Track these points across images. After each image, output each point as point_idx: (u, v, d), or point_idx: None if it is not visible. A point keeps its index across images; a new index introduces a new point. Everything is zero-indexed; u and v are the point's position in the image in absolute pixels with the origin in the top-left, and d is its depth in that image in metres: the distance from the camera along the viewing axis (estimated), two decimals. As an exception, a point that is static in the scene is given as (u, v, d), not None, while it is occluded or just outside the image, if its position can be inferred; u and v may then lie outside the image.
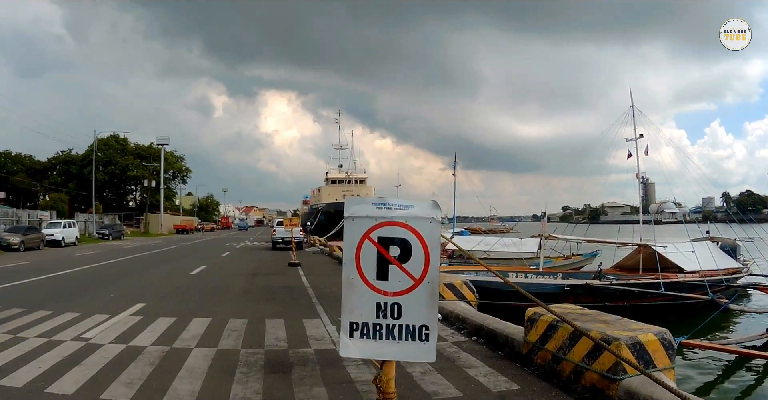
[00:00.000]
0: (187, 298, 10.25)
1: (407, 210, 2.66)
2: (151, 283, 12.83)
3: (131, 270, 16.47)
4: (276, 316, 8.25)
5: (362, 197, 2.88)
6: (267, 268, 17.30)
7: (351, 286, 2.70)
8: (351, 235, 2.72)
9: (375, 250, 2.63)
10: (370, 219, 2.65)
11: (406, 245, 2.62)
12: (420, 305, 2.68)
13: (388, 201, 2.67)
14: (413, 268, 2.63)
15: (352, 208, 2.75)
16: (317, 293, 10.97)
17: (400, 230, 2.64)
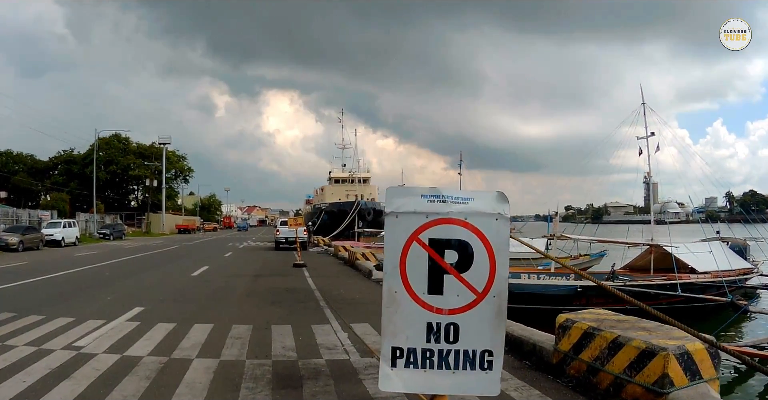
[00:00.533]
0: (188, 301, 9.71)
1: (467, 204, 2.09)
2: (151, 285, 12.29)
3: (130, 271, 15.93)
4: (282, 321, 7.70)
5: (409, 187, 2.29)
6: (271, 269, 16.76)
7: (394, 302, 2.13)
8: (394, 236, 2.15)
9: (426, 255, 2.07)
10: (419, 216, 2.09)
11: (466, 248, 2.06)
12: (483, 325, 2.12)
13: (442, 192, 2.11)
14: (475, 278, 2.07)
15: (396, 200, 2.16)
16: (325, 295, 10.42)
17: (459, 230, 2.07)
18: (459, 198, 2.11)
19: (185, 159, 75.10)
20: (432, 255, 2.09)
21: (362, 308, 8.97)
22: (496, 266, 2.07)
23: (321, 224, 51.28)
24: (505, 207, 2.13)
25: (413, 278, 2.08)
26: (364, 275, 14.59)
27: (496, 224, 2.08)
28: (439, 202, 2.12)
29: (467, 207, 2.12)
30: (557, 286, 15.58)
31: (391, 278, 2.13)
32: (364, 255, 16.93)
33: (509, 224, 2.14)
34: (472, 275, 2.07)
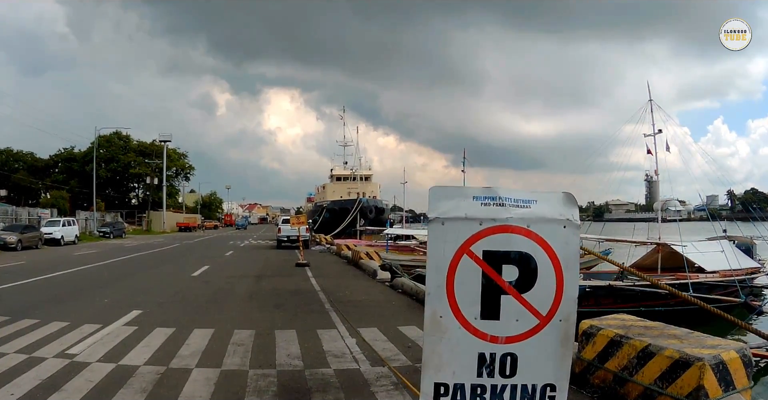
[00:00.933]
0: (188, 304, 9.35)
1: (529, 208, 1.72)
2: (150, 286, 11.93)
3: (130, 271, 15.58)
4: (286, 326, 7.35)
5: (458, 187, 1.88)
6: (273, 269, 16.40)
7: (439, 328, 1.77)
8: (439, 247, 1.79)
9: (479, 271, 1.70)
10: (470, 223, 1.73)
11: (528, 263, 1.69)
12: (545, 354, 1.76)
13: (499, 193, 1.73)
14: (538, 299, 1.70)
15: (442, 204, 1.79)
16: (329, 297, 10.06)
17: (520, 240, 1.70)
18: (519, 201, 1.75)
19: (186, 157, 74.75)
20: (487, 271, 1.73)
21: (369, 311, 8.62)
22: (564, 284, 1.70)
23: (323, 222, 50.96)
24: (574, 212, 1.75)
25: (463, 300, 1.71)
26: (368, 275, 14.23)
27: (564, 232, 1.71)
28: (496, 205, 1.75)
29: (529, 212, 1.76)
30: None
31: (434, 299, 1.76)
32: (368, 254, 16.56)
33: (579, 233, 1.77)
34: (535, 295, 1.71)
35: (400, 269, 12.53)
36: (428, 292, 1.81)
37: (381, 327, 7.20)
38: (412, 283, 10.65)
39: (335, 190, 61.10)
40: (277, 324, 7.47)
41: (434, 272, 1.77)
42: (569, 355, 1.79)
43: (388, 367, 5.33)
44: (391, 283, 12.05)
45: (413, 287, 10.40)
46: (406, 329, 7.14)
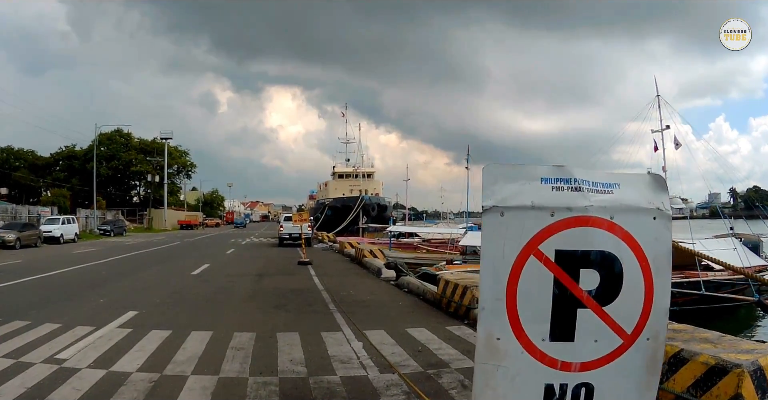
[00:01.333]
0: (186, 304, 8.99)
1: (610, 193, 1.33)
2: (148, 285, 11.58)
3: (128, 270, 15.24)
4: (289, 328, 6.98)
5: (522, 166, 1.46)
6: (275, 267, 16.03)
7: (495, 354, 1.38)
8: (497, 247, 1.39)
9: (550, 278, 1.31)
10: (540, 213, 1.35)
11: (612, 266, 1.30)
12: (628, 383, 1.39)
13: (574, 173, 1.33)
14: (623, 313, 1.32)
15: (501, 187, 1.38)
16: (333, 297, 9.70)
17: (601, 236, 1.34)
18: (599, 185, 1.37)
19: (187, 154, 74.34)
20: (560, 277, 1.34)
21: (375, 312, 8.25)
22: (654, 293, 1.32)
23: (325, 220, 50.59)
24: (665, 199, 1.36)
25: (528, 316, 1.33)
26: (372, 273, 13.87)
27: (654, 225, 1.32)
28: (571, 190, 1.35)
29: (612, 199, 1.36)
30: None
31: (490, 316, 1.37)
32: (371, 252, 16.19)
33: (671, 227, 1.38)
34: (619, 307, 1.33)
35: (405, 268, 12.17)
36: (482, 307, 1.42)
37: (388, 329, 6.84)
38: (418, 282, 10.28)
39: (337, 188, 60.66)
40: (279, 326, 7.10)
41: (490, 279, 1.39)
42: (656, 382, 1.42)
43: (398, 374, 4.96)
44: (396, 282, 11.70)
45: (419, 286, 10.04)
46: (415, 331, 6.77)
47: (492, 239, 1.39)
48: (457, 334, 6.69)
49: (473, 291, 7.65)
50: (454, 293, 8.14)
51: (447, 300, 8.36)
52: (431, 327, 7.03)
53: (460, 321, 7.53)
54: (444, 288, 8.54)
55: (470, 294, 7.68)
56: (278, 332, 6.65)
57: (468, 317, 7.61)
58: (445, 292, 8.49)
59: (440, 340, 6.33)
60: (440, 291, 8.67)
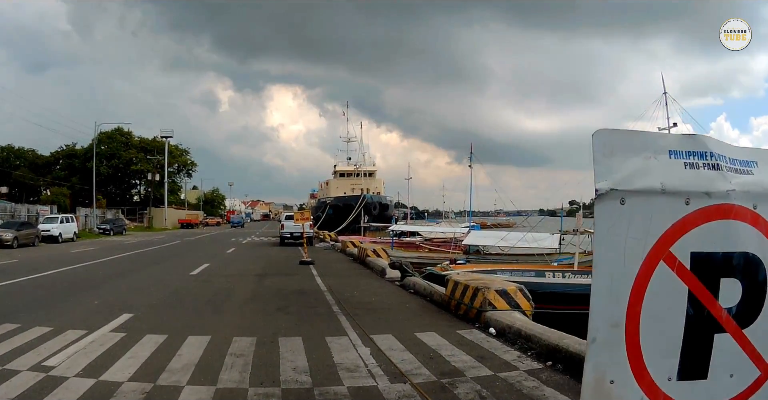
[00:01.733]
0: (184, 307, 8.63)
1: (751, 173, 0.96)
2: (145, 286, 11.21)
3: (125, 270, 14.89)
4: (291, 332, 6.61)
5: (641, 132, 1.05)
6: (276, 267, 15.67)
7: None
8: (616, 248, 0.99)
9: (684, 292, 0.94)
10: (671, 199, 0.98)
11: (755, 272, 0.96)
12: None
13: (709, 146, 0.95)
14: (762, 335, 0.95)
15: (622, 162, 0.99)
16: (337, 298, 9.32)
17: (744, 231, 0.99)
18: (737, 162, 1.04)
19: (188, 153, 74.10)
20: (696, 291, 0.99)
21: (381, 315, 7.88)
22: None
23: (326, 219, 50.25)
24: None
25: (653, 348, 0.94)
26: (376, 273, 13.50)
27: None
28: (708, 167, 1.01)
29: (753, 181, 1.04)
30: (585, 285, 14.47)
31: (603, 351, 0.95)
32: (375, 252, 15.82)
33: None
34: (759, 329, 0.96)
35: (410, 268, 11.79)
36: (592, 338, 1.01)
37: (396, 334, 6.47)
38: (425, 283, 9.90)
39: (339, 187, 60.30)
40: (281, 330, 6.73)
41: (606, 298, 0.98)
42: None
43: (410, 383, 4.59)
44: (401, 282, 11.33)
45: (426, 287, 9.66)
46: (425, 336, 6.40)
47: (609, 238, 1.00)
48: (469, 338, 6.32)
49: (485, 293, 7.27)
50: (464, 295, 7.76)
51: (456, 302, 7.98)
52: (441, 331, 6.66)
53: (470, 324, 7.17)
54: (453, 290, 8.17)
55: (481, 296, 7.31)
56: (280, 337, 6.28)
57: (479, 321, 7.24)
58: (454, 293, 8.12)
59: (452, 345, 5.96)
60: (449, 293, 8.30)
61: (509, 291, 7.43)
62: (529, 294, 7.66)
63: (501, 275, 14.34)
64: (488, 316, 7.12)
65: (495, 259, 24.79)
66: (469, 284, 7.67)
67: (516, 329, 6.45)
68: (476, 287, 7.45)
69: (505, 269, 15.69)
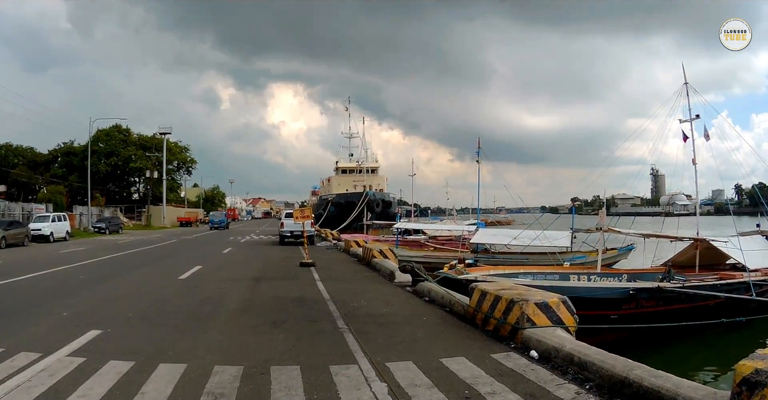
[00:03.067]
0: (163, 320, 7.37)
1: None
2: (125, 293, 9.97)
3: (110, 273, 13.67)
4: (287, 358, 5.36)
5: None
6: (274, 269, 14.40)
7: None
8: None
9: None
10: None
11: None
12: None
13: None
14: None
15: None
16: (342, 309, 8.06)
17: None
18: None
19: (188, 150, 72.90)
20: None
21: (396, 332, 6.61)
22: None
23: (328, 216, 49.05)
24: None
25: None
26: (384, 277, 12.25)
27: None
28: None
29: None
30: (610, 288, 13.26)
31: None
32: (381, 252, 14.55)
33: None
34: None
35: (424, 272, 10.54)
36: None
37: (417, 359, 5.21)
38: (443, 291, 8.64)
39: (341, 183, 59.07)
40: (275, 355, 5.47)
41: None
42: None
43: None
44: (413, 288, 10.10)
45: (445, 295, 8.40)
46: (453, 363, 5.14)
47: None
48: (509, 366, 5.07)
49: (522, 306, 6.02)
50: (494, 308, 6.52)
51: (483, 316, 6.74)
52: (472, 355, 5.41)
53: (504, 345, 5.93)
54: (479, 300, 6.92)
55: (518, 310, 6.06)
56: (273, 366, 5.02)
57: (514, 339, 6.00)
58: (480, 305, 6.87)
59: (489, 376, 4.72)
60: (474, 304, 7.06)
61: (551, 304, 6.18)
62: (572, 307, 6.41)
63: (522, 278, 13.10)
64: (527, 335, 5.88)
65: (505, 258, 23.63)
66: (501, 295, 6.42)
67: (566, 354, 5.20)
68: (511, 299, 6.21)
69: (525, 271, 14.43)
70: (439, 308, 8.24)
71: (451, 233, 33.64)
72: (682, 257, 17.98)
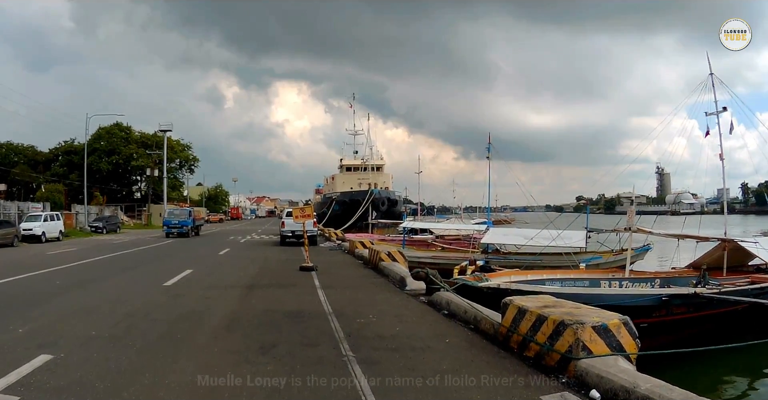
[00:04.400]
0: (129, 341, 6.07)
1: None
2: (98, 303, 8.68)
3: (90, 278, 12.42)
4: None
5: None
6: (271, 274, 13.07)
7: None
8: None
9: None
10: None
11: None
12: None
13: None
14: None
15: None
16: (347, 328, 6.73)
17: None
18: None
19: (190, 148, 71.83)
20: None
21: (415, 363, 5.24)
22: None
23: (332, 215, 47.80)
24: None
25: None
26: (393, 283, 10.95)
27: None
28: None
29: None
30: (644, 296, 11.94)
31: None
32: (390, 255, 13.24)
33: None
34: None
35: (439, 279, 9.24)
36: None
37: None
38: (466, 304, 7.30)
39: (345, 181, 57.74)
40: (260, 398, 4.18)
41: None
42: None
43: None
44: (428, 298, 8.82)
45: (468, 309, 7.08)
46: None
47: None
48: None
49: (576, 331, 4.73)
50: (536, 330, 5.22)
51: (522, 339, 5.45)
52: (518, 399, 4.11)
53: (552, 379, 4.65)
54: (515, 319, 5.62)
55: (570, 335, 4.77)
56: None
57: (564, 372, 4.72)
58: (516, 325, 5.58)
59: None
60: (508, 322, 5.77)
61: (611, 327, 4.88)
62: (635, 329, 5.11)
63: (550, 285, 11.81)
64: (583, 367, 4.58)
65: (517, 259, 22.39)
66: (547, 315, 5.12)
67: (641, 396, 3.92)
68: (561, 321, 4.91)
69: (551, 277, 13.11)
70: (461, 324, 6.94)
71: (460, 232, 32.34)
72: (707, 258, 16.81)
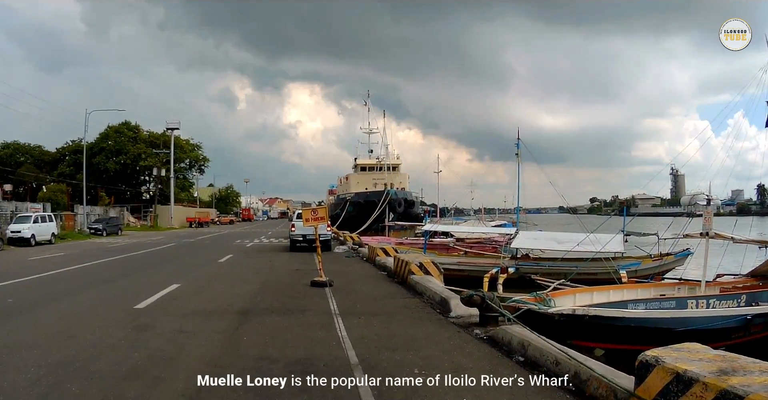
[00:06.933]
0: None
1: None
2: (30, 342, 6.18)
3: (52, 295, 10.04)
4: None
5: None
6: (275, 292, 10.41)
7: None
8: None
9: None
10: None
11: None
12: None
13: None
14: None
15: None
16: (385, 396, 4.20)
17: None
18: None
19: (200, 148, 69.83)
20: None
21: None
22: None
23: (346, 217, 45.43)
24: None
25: None
26: (432, 306, 8.41)
27: None
28: None
29: None
30: (727, 317, 9.47)
31: None
32: (421, 266, 10.68)
33: None
34: None
35: (499, 305, 6.69)
36: None
37: None
38: (556, 350, 4.74)
39: (359, 182, 55.35)
40: None
41: None
42: None
43: None
44: (486, 333, 6.28)
45: (561, 359, 4.52)
46: None
47: None
48: None
49: None
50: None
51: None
52: None
53: None
54: (667, 393, 3.06)
55: None
56: None
57: None
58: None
59: None
60: (651, 395, 3.23)
61: None
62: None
63: (633, 308, 9.25)
64: None
65: (551, 266, 19.94)
66: (743, 396, 2.55)
67: None
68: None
69: (631, 298, 10.47)
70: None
71: (486, 235, 29.88)
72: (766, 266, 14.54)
